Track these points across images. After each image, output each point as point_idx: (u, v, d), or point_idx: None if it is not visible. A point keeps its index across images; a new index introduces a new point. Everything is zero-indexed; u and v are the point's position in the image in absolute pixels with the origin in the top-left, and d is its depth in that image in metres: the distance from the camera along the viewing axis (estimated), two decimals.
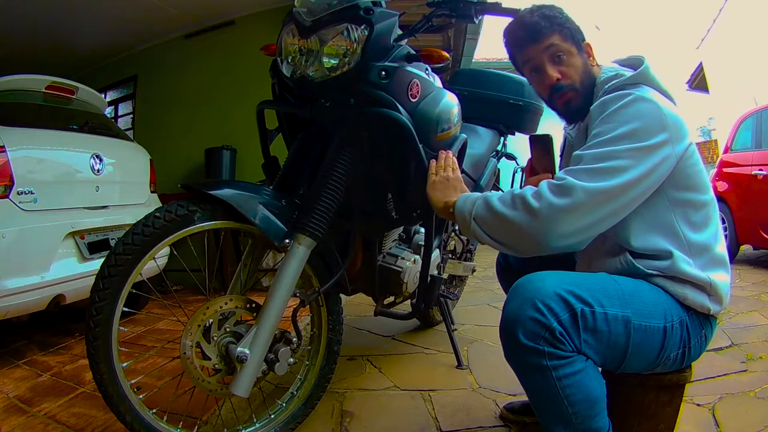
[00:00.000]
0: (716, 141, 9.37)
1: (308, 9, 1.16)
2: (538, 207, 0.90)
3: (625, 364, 0.94)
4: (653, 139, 0.92)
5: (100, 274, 1.05)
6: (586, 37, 1.13)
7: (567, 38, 1.09)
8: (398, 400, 1.62)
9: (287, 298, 1.14)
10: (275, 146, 1.41)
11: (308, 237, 1.14)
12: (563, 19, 1.10)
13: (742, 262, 4.27)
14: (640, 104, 0.95)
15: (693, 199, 1.00)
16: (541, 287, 0.88)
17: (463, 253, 2.26)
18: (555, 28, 1.09)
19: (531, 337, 0.86)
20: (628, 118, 0.94)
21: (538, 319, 0.85)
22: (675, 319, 0.95)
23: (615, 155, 0.91)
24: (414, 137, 1.20)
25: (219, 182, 2.28)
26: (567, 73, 1.10)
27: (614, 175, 0.90)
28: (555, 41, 1.09)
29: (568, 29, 1.09)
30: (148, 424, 1.10)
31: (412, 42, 1.25)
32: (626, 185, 0.90)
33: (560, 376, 0.86)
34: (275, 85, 1.30)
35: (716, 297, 0.98)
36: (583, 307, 0.87)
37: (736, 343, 2.03)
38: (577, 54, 1.10)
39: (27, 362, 1.96)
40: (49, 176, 2.12)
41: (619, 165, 0.90)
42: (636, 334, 0.91)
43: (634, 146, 0.91)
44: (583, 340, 0.87)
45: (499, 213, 0.94)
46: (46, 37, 3.69)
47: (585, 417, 0.88)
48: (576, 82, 1.10)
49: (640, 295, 0.94)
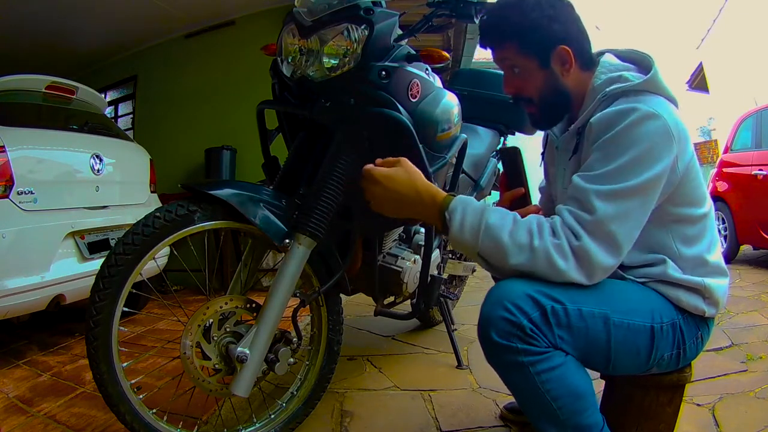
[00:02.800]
0: (716, 141, 9.38)
1: (308, 9, 1.16)
2: (564, 268, 0.85)
3: (614, 364, 0.92)
4: (661, 164, 0.86)
5: (100, 274, 1.05)
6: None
7: (525, 50, 0.97)
8: (398, 400, 1.62)
9: (287, 298, 1.14)
10: (275, 146, 1.41)
11: (308, 237, 1.14)
12: (521, 24, 0.96)
13: (742, 262, 4.27)
14: (648, 124, 0.86)
15: (691, 214, 0.96)
16: (511, 289, 0.88)
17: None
18: (512, 37, 0.97)
19: (504, 336, 0.86)
20: (635, 141, 0.86)
21: (509, 318, 0.85)
22: (666, 320, 0.93)
23: (623, 195, 0.85)
24: (414, 137, 1.20)
25: (219, 182, 2.28)
26: (522, 87, 1.01)
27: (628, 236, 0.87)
28: (508, 55, 0.99)
29: (527, 40, 0.96)
30: (148, 424, 1.10)
31: (412, 42, 1.25)
32: (635, 228, 0.88)
33: (538, 372, 0.86)
34: (275, 85, 1.30)
35: (711, 300, 0.96)
36: (553, 304, 0.86)
37: (736, 343, 2.03)
38: (537, 68, 0.98)
39: (27, 362, 1.96)
40: (49, 176, 2.13)
41: (628, 210, 0.86)
42: (617, 331, 0.89)
43: (641, 181, 0.85)
44: (557, 336, 0.86)
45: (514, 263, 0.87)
46: (46, 37, 3.68)
47: (572, 412, 0.87)
48: (534, 97, 1.01)
49: (623, 292, 0.93)
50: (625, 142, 0.87)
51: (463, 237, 0.89)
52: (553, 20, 0.96)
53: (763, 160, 3.97)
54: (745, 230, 4.08)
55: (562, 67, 0.99)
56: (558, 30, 0.96)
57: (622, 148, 0.87)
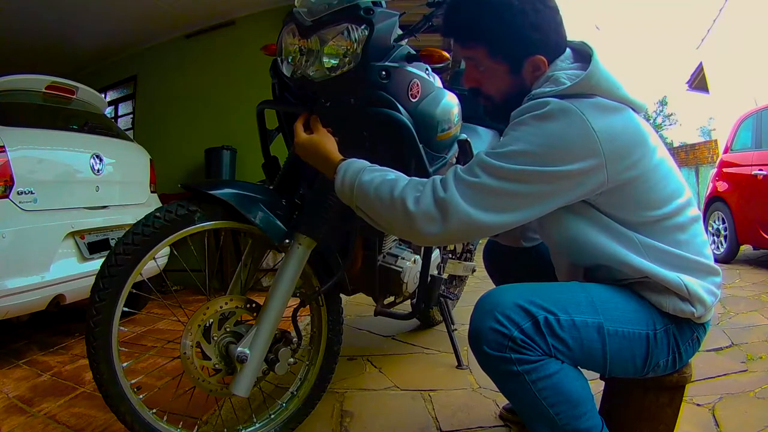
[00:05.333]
0: (716, 141, 9.36)
1: (308, 9, 1.16)
2: (414, 211, 0.86)
3: (610, 370, 0.91)
4: (567, 165, 0.82)
5: (100, 274, 1.05)
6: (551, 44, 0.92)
7: (496, 55, 0.93)
8: (398, 400, 1.62)
9: (287, 298, 1.14)
10: (275, 146, 1.41)
11: (308, 237, 1.14)
12: (504, 30, 0.90)
13: (742, 262, 4.27)
14: (555, 120, 0.82)
15: (650, 216, 0.90)
16: (500, 300, 0.87)
17: (463, 253, 2.26)
18: (483, 41, 0.92)
19: (496, 347, 0.84)
20: (535, 133, 0.83)
21: (499, 329, 0.84)
22: (659, 327, 0.91)
23: (515, 178, 0.82)
24: (414, 137, 1.20)
25: (219, 182, 2.28)
26: (484, 85, 0.98)
27: (503, 211, 0.84)
28: (475, 55, 0.95)
29: (504, 45, 0.91)
30: (148, 424, 1.10)
31: (412, 42, 1.25)
32: (507, 224, 0.86)
33: (534, 380, 0.84)
34: (275, 85, 1.30)
35: (696, 299, 0.90)
36: (546, 315, 0.85)
37: (736, 343, 2.03)
38: (505, 73, 0.94)
39: (27, 362, 1.96)
40: (49, 176, 2.12)
41: (512, 203, 0.84)
42: (612, 340, 0.88)
43: (541, 170, 0.81)
44: (552, 346, 0.85)
45: (375, 204, 0.91)
46: (46, 37, 3.69)
47: (570, 418, 0.87)
48: (494, 95, 0.98)
49: (616, 302, 0.91)
50: (526, 131, 0.84)
51: (344, 193, 0.98)
52: (535, 29, 0.90)
53: (763, 160, 3.97)
54: (745, 230, 4.08)
55: (533, 73, 0.94)
56: (537, 39, 0.91)
57: (522, 135, 0.84)
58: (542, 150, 0.83)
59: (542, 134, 0.83)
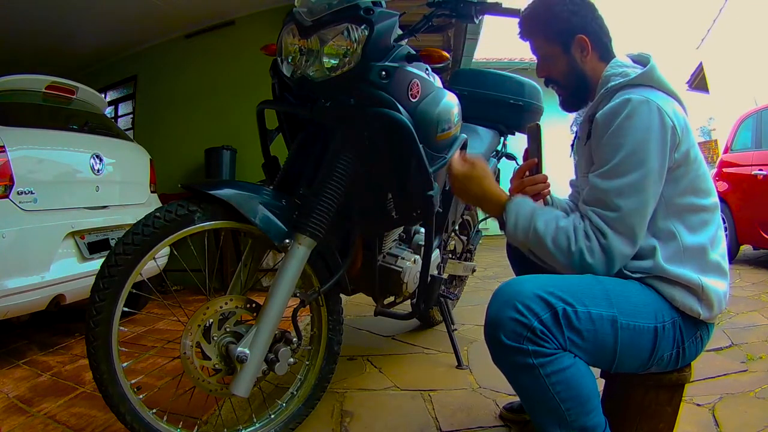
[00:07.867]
0: (716, 141, 9.37)
1: (308, 9, 1.16)
2: (591, 262, 0.94)
3: (617, 364, 0.94)
4: (659, 147, 0.93)
5: (100, 274, 1.05)
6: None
7: (550, 39, 1.11)
8: (398, 400, 1.62)
9: (287, 298, 1.14)
10: (275, 146, 1.41)
11: (308, 237, 1.14)
12: (547, 17, 1.11)
13: (742, 262, 4.27)
14: (641, 111, 0.94)
15: (696, 203, 0.99)
16: (520, 289, 0.89)
17: (463, 253, 2.26)
18: (538, 30, 1.13)
19: (514, 338, 0.86)
20: (633, 130, 0.94)
21: (519, 319, 0.86)
22: (667, 319, 0.94)
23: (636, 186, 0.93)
24: (414, 137, 1.20)
25: (219, 182, 2.28)
26: (552, 73, 1.14)
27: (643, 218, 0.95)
28: (538, 44, 1.14)
29: (552, 30, 1.10)
30: (148, 424, 1.10)
31: (412, 42, 1.25)
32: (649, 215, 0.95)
33: (548, 373, 0.86)
34: (275, 85, 1.30)
35: (707, 302, 0.96)
36: (565, 306, 0.87)
37: (736, 343, 2.03)
38: (560, 54, 1.11)
39: (27, 362, 1.96)
40: (49, 176, 2.13)
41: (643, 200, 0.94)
42: (624, 334, 0.91)
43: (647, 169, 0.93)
44: (567, 338, 0.87)
45: (553, 252, 0.97)
46: (46, 37, 3.69)
47: (579, 413, 0.88)
48: (561, 81, 1.14)
49: (628, 295, 0.94)
50: (624, 133, 0.94)
51: (517, 237, 1.03)
52: (574, 14, 1.09)
53: (763, 160, 3.97)
54: (745, 230, 4.08)
55: (581, 53, 1.10)
56: (577, 22, 1.09)
57: (623, 139, 0.94)
58: (639, 146, 0.93)
59: (634, 128, 0.94)
